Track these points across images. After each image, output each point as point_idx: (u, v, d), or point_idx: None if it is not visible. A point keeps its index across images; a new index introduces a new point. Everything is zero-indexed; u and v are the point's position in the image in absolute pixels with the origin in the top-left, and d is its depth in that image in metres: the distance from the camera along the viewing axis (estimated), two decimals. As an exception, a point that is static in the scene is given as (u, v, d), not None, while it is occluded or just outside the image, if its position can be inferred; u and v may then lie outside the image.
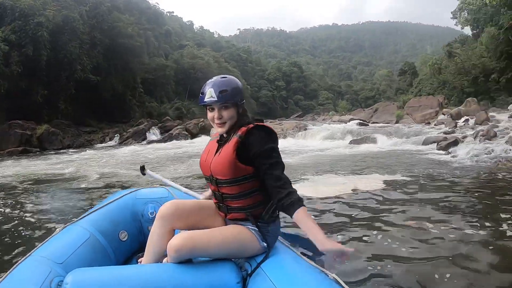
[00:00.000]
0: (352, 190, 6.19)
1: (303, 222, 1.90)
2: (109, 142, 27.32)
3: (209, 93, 2.03)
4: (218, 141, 2.17)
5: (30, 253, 2.09)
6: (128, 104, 37.83)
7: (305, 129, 22.33)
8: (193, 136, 26.08)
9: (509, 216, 4.52)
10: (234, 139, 2.03)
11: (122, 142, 26.48)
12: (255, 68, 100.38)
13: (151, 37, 47.58)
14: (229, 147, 2.02)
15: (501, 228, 4.13)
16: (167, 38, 62.06)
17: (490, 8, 37.51)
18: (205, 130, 26.89)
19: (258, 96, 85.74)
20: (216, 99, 2.02)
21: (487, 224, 4.27)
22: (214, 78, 2.11)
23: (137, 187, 3.13)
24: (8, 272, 1.87)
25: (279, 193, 1.93)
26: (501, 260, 3.32)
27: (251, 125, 2.04)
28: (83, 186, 8.17)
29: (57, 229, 2.42)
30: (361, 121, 28.66)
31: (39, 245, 2.19)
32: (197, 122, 28.46)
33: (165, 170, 10.45)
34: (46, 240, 2.26)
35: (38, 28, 26.08)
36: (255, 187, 2.04)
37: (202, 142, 22.54)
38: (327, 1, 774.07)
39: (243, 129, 2.03)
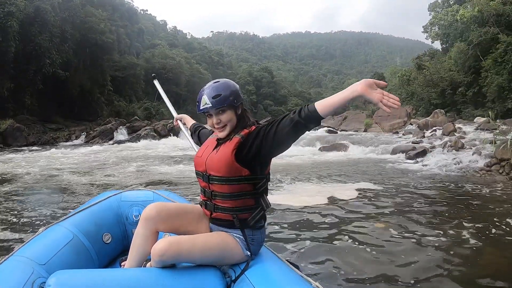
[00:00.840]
0: (328, 198, 6.23)
1: (326, 101, 1.85)
2: (75, 141, 26.66)
3: (203, 101, 2.03)
4: (217, 139, 2.15)
5: (12, 253, 2.06)
6: (96, 102, 37.06)
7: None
8: (161, 137, 25.71)
9: (472, 224, 4.76)
10: (236, 138, 2.02)
11: (89, 141, 25.88)
12: (226, 71, 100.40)
13: (123, 35, 46.77)
14: (230, 145, 2.01)
15: (463, 236, 4.32)
16: (139, 37, 61.21)
17: (460, 24, 38.97)
18: (173, 131, 26.56)
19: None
20: (210, 105, 2.01)
21: (451, 231, 4.48)
22: (208, 84, 2.10)
23: (121, 189, 3.08)
24: None
25: (294, 112, 1.90)
26: (459, 265, 3.49)
27: (254, 127, 2.05)
28: (55, 186, 7.89)
29: (40, 229, 2.38)
30: (330, 128, 28.93)
31: (21, 245, 2.16)
32: (166, 123, 28.12)
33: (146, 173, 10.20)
34: (28, 240, 2.24)
35: (8, 18, 25.05)
36: (246, 191, 2.02)
37: (171, 143, 22.41)
38: (301, 9, 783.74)
39: (246, 130, 2.04)
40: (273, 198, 5.88)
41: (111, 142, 25.19)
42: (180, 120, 3.08)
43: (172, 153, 16.59)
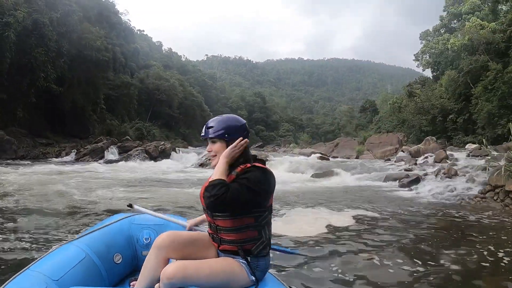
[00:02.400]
0: (325, 227, 6.17)
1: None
2: (65, 157, 26.20)
3: (204, 128, 2.26)
4: None
5: (26, 267, 2.15)
6: (88, 119, 36.76)
7: (267, 160, 22.22)
8: (152, 158, 25.37)
9: (472, 252, 4.75)
10: (231, 176, 2.14)
11: (79, 159, 25.51)
12: (219, 95, 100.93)
13: (119, 53, 46.80)
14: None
15: (462, 265, 4.29)
16: (135, 56, 61.36)
17: (451, 53, 39.86)
18: (165, 153, 26.33)
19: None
20: (203, 133, 2.26)
21: (453, 259, 4.46)
22: (218, 115, 2.35)
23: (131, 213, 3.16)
24: (4, 285, 1.94)
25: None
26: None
27: (249, 165, 2.17)
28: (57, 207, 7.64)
29: (54, 246, 2.51)
30: (322, 155, 28.91)
31: (36, 260, 2.27)
32: (157, 144, 27.68)
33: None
34: (42, 256, 2.35)
35: (6, 29, 24.96)
36: (249, 223, 2.13)
37: (164, 165, 22.23)
38: (295, 36, 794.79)
39: (241, 167, 2.17)
40: (273, 226, 5.85)
41: (101, 161, 24.85)
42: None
43: (167, 175, 16.43)
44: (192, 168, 21.04)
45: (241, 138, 2.20)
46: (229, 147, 2.16)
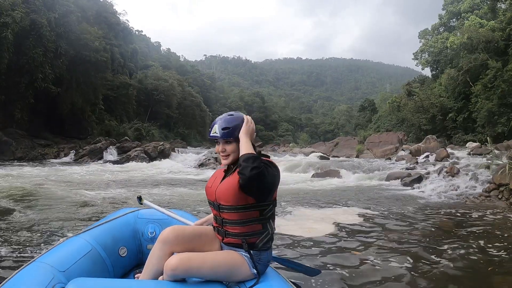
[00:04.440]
0: (332, 224, 6.12)
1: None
2: (64, 158, 26.11)
3: (214, 129, 2.28)
4: (224, 171, 2.37)
5: (34, 258, 2.24)
6: (86, 120, 36.57)
7: (268, 158, 22.11)
8: (152, 159, 25.23)
9: (478, 250, 4.70)
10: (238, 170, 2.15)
11: (78, 160, 25.39)
12: (218, 95, 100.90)
13: (117, 54, 46.62)
14: (234, 177, 2.17)
15: (470, 263, 4.26)
16: (133, 57, 61.07)
17: (450, 51, 39.87)
18: (164, 154, 26.16)
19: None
20: (219, 135, 2.26)
21: (460, 257, 4.42)
22: (223, 114, 2.36)
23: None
24: (12, 275, 2.02)
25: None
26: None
27: None
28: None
29: (61, 239, 2.61)
30: (322, 154, 28.82)
31: (43, 252, 2.38)
32: (156, 145, 27.42)
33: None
34: (50, 248, 2.46)
35: (3, 29, 24.82)
36: (254, 217, 2.19)
37: (164, 165, 22.12)
38: (294, 37, 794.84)
39: None
40: (279, 223, 5.85)
41: (100, 161, 24.74)
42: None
43: (166, 175, 16.33)
44: (191, 169, 20.90)
45: (248, 116, 2.36)
46: (244, 126, 2.28)
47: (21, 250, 4.20)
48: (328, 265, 4.06)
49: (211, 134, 2.29)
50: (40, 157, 25.28)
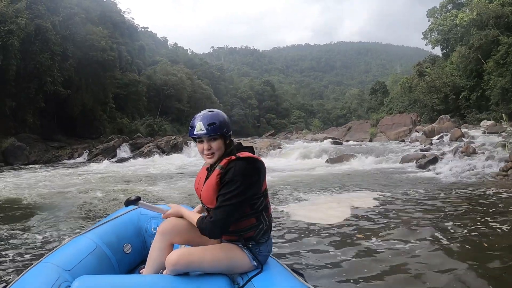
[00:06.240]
0: (350, 208, 6.07)
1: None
2: (78, 159, 26.19)
3: (199, 126, 2.18)
4: (207, 169, 2.34)
5: (41, 259, 2.30)
6: (98, 120, 36.77)
7: (280, 148, 21.98)
8: (164, 153, 25.24)
9: (499, 228, 4.70)
10: (216, 170, 2.18)
11: (92, 159, 25.46)
12: (228, 86, 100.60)
13: (124, 52, 46.68)
14: (212, 178, 2.18)
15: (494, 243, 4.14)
16: (141, 54, 61.16)
17: (460, 29, 38.92)
18: (176, 148, 26.22)
19: (231, 115, 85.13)
20: (205, 131, 2.17)
21: (480, 239, 4.31)
22: (203, 112, 2.26)
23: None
24: (20, 276, 2.10)
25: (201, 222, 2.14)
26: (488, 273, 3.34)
27: (233, 157, 2.16)
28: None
29: (66, 239, 2.80)
30: (335, 140, 28.53)
31: (49, 252, 2.43)
32: (169, 139, 27.59)
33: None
34: (55, 248, 2.52)
35: (9, 36, 24.83)
36: (246, 212, 2.17)
37: (178, 161, 22.13)
38: (300, 23, 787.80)
39: (225, 160, 2.18)
40: (295, 210, 6.02)
41: (114, 159, 24.83)
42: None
43: (179, 170, 16.29)
44: (203, 161, 20.81)
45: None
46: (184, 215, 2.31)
47: (28, 251, 4.20)
48: (347, 251, 3.98)
49: (195, 132, 2.19)
50: (54, 159, 25.39)
